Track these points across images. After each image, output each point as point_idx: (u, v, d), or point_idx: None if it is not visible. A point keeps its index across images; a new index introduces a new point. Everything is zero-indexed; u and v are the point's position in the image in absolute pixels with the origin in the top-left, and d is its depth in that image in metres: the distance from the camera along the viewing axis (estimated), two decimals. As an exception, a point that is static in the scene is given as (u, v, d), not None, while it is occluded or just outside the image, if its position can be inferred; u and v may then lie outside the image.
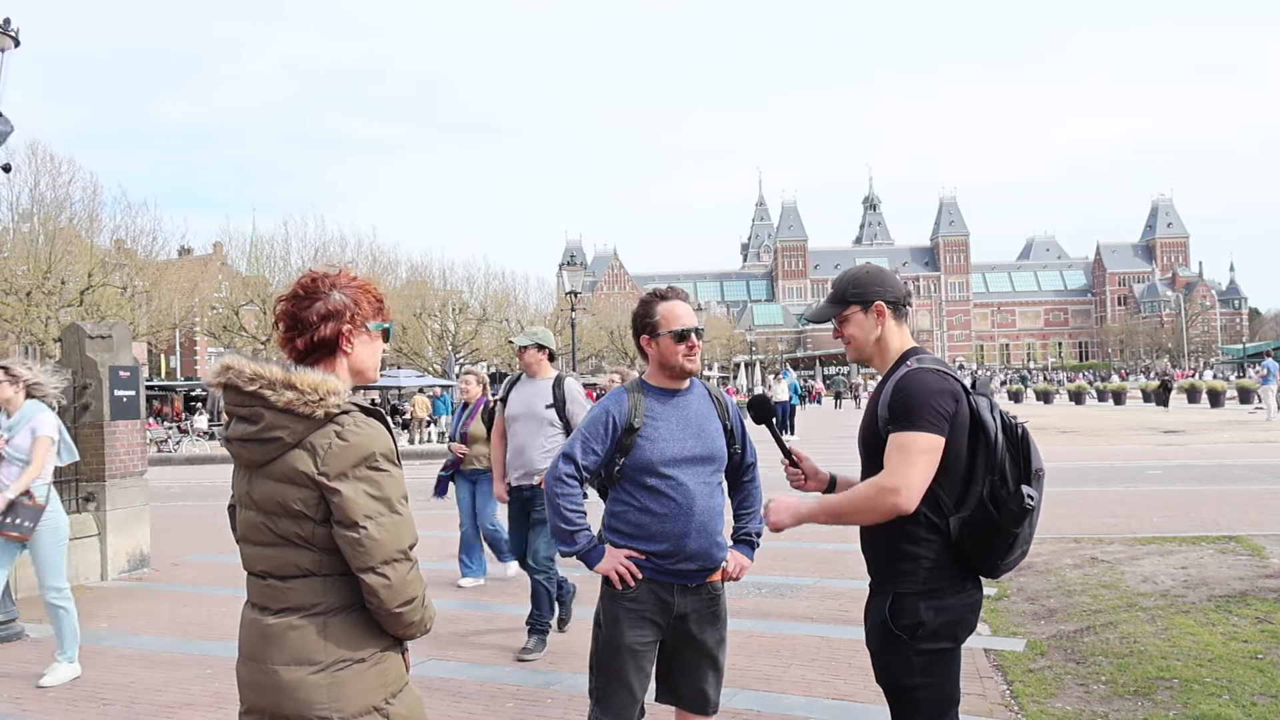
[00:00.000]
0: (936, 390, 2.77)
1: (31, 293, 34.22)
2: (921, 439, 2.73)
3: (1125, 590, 7.49)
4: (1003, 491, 2.71)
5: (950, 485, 2.77)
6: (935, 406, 2.74)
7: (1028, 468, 2.74)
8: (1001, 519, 2.70)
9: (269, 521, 2.30)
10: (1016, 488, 2.70)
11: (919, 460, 2.73)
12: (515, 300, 63.68)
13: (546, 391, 6.44)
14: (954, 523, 2.76)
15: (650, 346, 3.50)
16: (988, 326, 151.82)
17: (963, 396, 2.80)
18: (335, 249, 48.57)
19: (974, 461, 2.76)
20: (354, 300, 2.41)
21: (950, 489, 2.77)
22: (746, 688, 5.45)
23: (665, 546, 3.37)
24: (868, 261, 3.39)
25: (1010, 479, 2.72)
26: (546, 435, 6.39)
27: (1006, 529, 2.71)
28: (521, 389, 6.55)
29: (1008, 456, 2.74)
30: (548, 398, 6.41)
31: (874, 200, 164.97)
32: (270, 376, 2.28)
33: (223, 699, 5.46)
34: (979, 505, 2.73)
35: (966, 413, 2.78)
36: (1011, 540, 2.73)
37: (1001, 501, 2.71)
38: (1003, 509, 2.70)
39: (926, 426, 2.73)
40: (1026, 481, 2.73)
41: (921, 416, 2.74)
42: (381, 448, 2.28)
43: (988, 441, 2.75)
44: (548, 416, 6.41)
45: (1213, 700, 4.97)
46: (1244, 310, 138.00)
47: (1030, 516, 2.72)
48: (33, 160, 36.03)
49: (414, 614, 2.32)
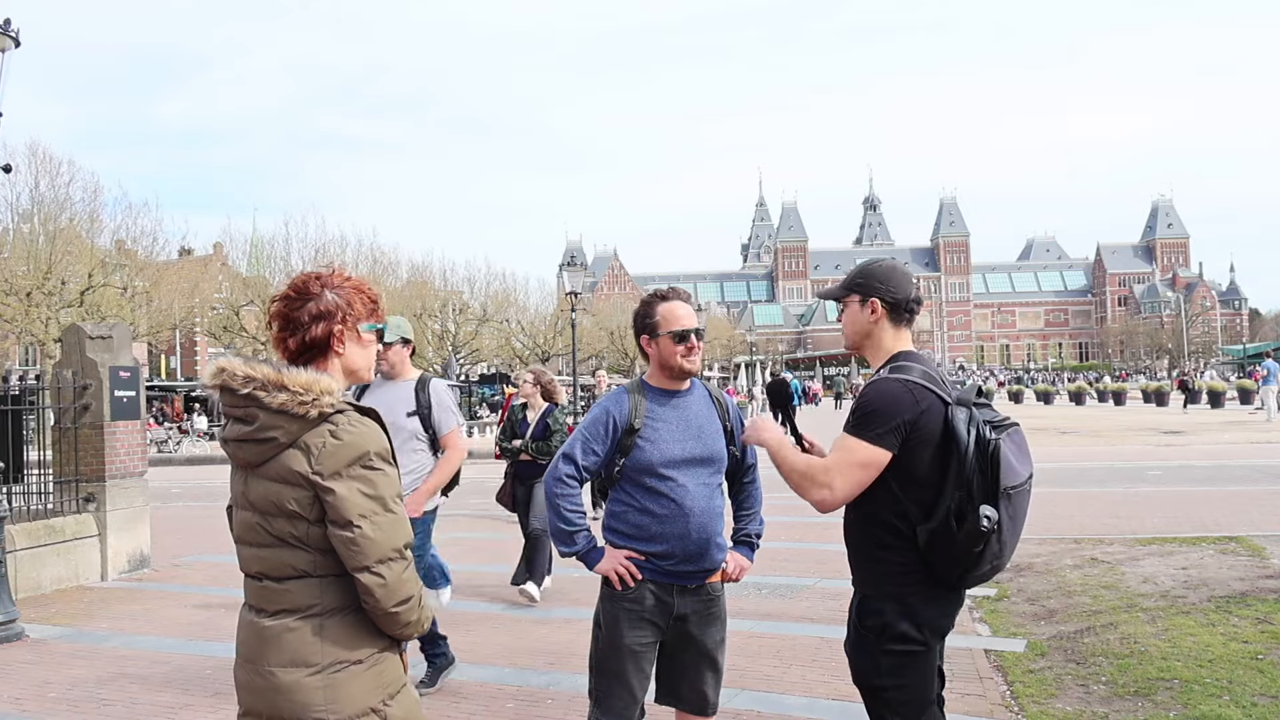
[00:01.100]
0: (895, 402, 2.75)
1: (32, 293, 34.27)
2: (863, 449, 2.74)
3: (1125, 591, 7.48)
4: (967, 508, 2.67)
5: (918, 496, 2.75)
6: (889, 419, 2.73)
7: (994, 486, 2.67)
8: (960, 536, 2.68)
9: (265, 522, 2.30)
10: (977, 507, 2.65)
11: (854, 471, 2.74)
12: (516, 301, 63.70)
13: (409, 396, 5.36)
14: (922, 532, 2.75)
15: (650, 347, 3.50)
16: (988, 327, 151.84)
17: (931, 410, 2.75)
18: (336, 249, 48.60)
19: (945, 474, 2.72)
20: (347, 301, 2.41)
21: (918, 500, 2.75)
22: (747, 688, 5.45)
23: (665, 547, 3.36)
24: (891, 258, 3.36)
25: (975, 496, 2.67)
26: (411, 449, 5.28)
27: (965, 546, 2.68)
28: (377, 393, 5.30)
29: (976, 472, 2.68)
30: (410, 403, 5.34)
31: (874, 201, 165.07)
32: (263, 378, 2.27)
33: (223, 700, 5.46)
34: (944, 520, 2.70)
35: (936, 426, 2.74)
36: (976, 557, 2.69)
37: (963, 518, 2.67)
38: (962, 526, 2.67)
39: (872, 438, 2.73)
40: (991, 501, 2.66)
41: (870, 427, 2.74)
42: (375, 446, 2.28)
43: (959, 455, 2.70)
44: (410, 427, 5.30)
45: (1213, 701, 4.97)
46: (1244, 311, 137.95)
47: (994, 536, 2.66)
48: (33, 161, 36.18)
49: (410, 613, 2.31)
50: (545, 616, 7.43)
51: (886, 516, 2.78)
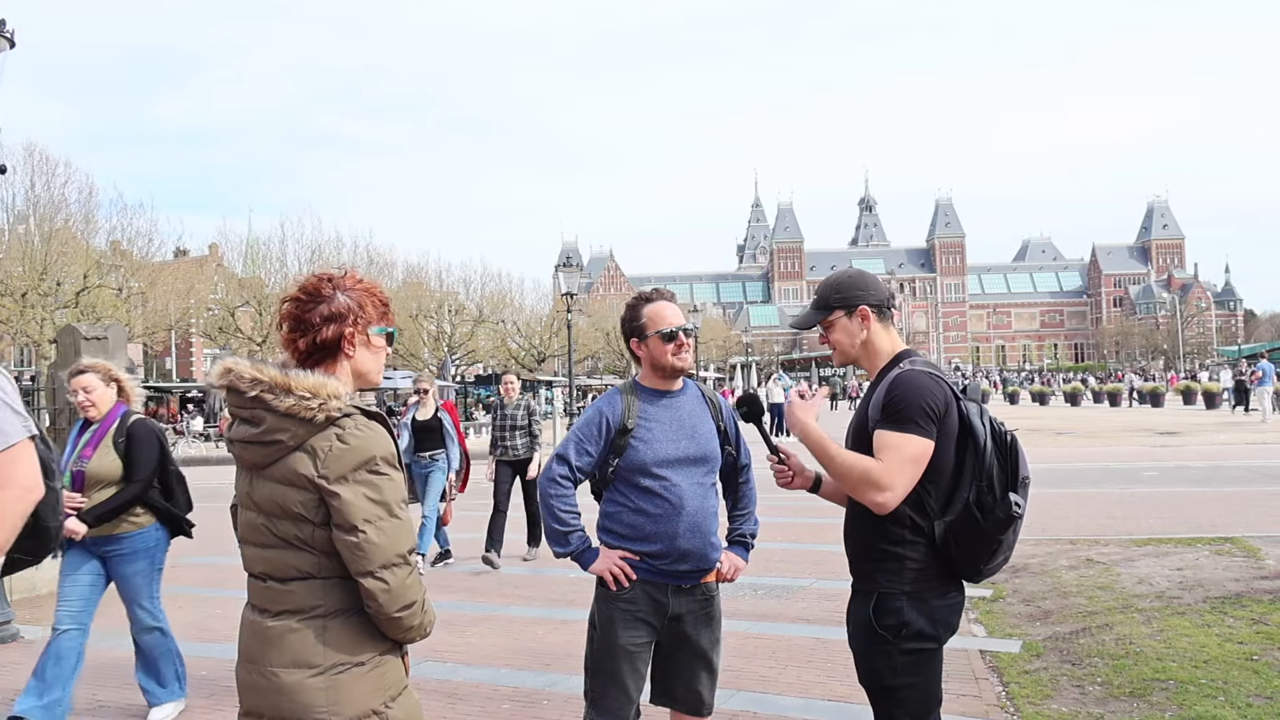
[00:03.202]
0: (929, 393, 2.77)
1: (27, 294, 34.18)
2: (913, 443, 2.74)
3: (1121, 591, 7.50)
4: (989, 498, 2.72)
5: (937, 489, 2.78)
6: (926, 409, 2.75)
7: (1015, 475, 2.75)
8: (987, 525, 2.71)
9: (269, 523, 2.31)
10: (1004, 495, 2.71)
11: (908, 467, 2.74)
12: (512, 302, 63.70)
13: None
14: (939, 526, 2.78)
15: (640, 349, 3.51)
16: (983, 328, 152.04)
17: (953, 401, 2.80)
18: (332, 250, 48.57)
19: (962, 467, 2.77)
20: (358, 304, 2.41)
21: (937, 493, 2.78)
22: (743, 689, 5.46)
23: (659, 547, 3.37)
24: (849, 265, 3.42)
25: (998, 486, 2.73)
26: None
27: (991, 535, 2.72)
28: None
29: (996, 463, 2.75)
30: None
31: (870, 202, 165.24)
32: (270, 380, 2.27)
33: (220, 700, 5.46)
34: (964, 510, 2.74)
35: (956, 418, 2.79)
36: (995, 546, 2.75)
37: (988, 508, 2.71)
38: (989, 515, 2.71)
39: (916, 430, 2.74)
40: (1014, 489, 2.74)
41: (913, 419, 2.75)
42: (382, 451, 2.28)
43: (976, 448, 2.76)
44: None
45: (1208, 701, 4.98)
46: (1239, 312, 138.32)
47: (1015, 524, 2.73)
48: (29, 161, 36.08)
49: (413, 618, 2.31)
50: (541, 617, 7.43)
51: (904, 511, 2.79)
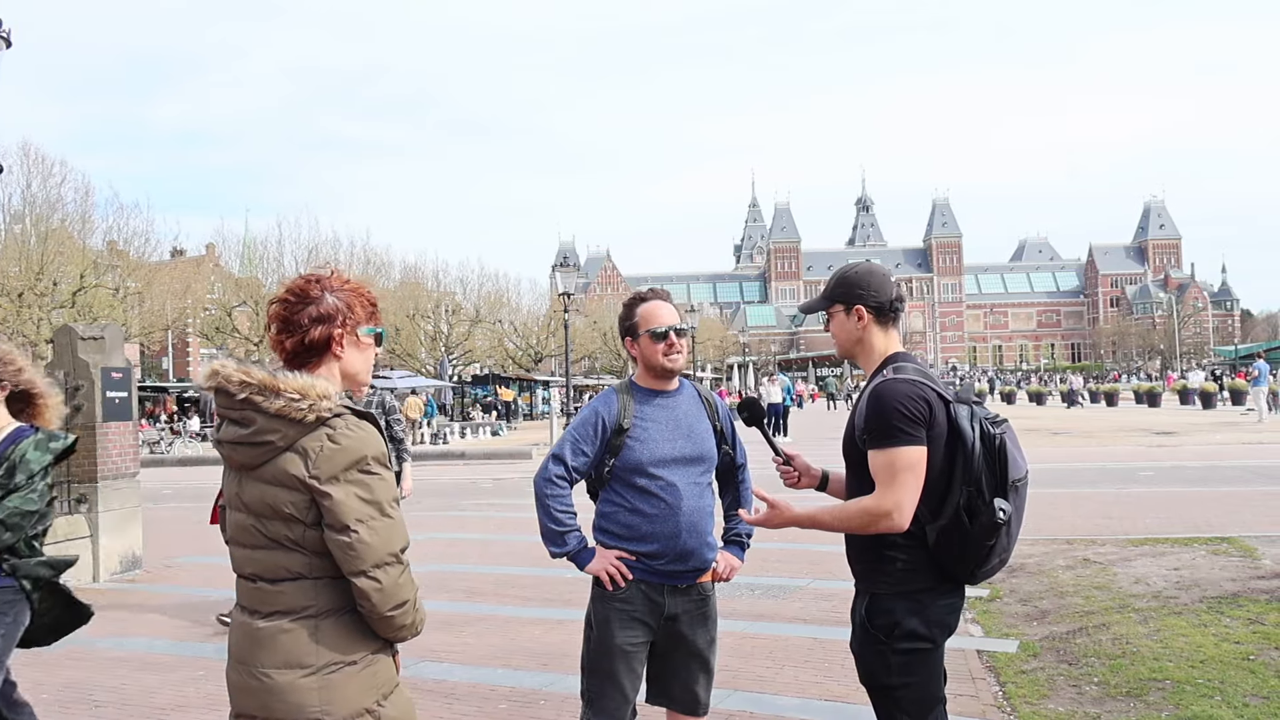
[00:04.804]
0: (906, 399, 2.74)
1: (23, 294, 34.15)
2: (902, 454, 2.72)
3: (1118, 591, 7.50)
4: (978, 503, 2.70)
5: (927, 494, 2.76)
6: (907, 415, 2.72)
7: (1003, 479, 2.72)
8: (974, 530, 2.71)
9: (259, 524, 2.29)
10: (990, 500, 2.69)
11: (906, 478, 2.72)
12: (509, 302, 63.75)
13: None
14: (931, 531, 2.77)
15: (634, 348, 3.52)
16: (980, 328, 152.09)
17: (939, 405, 2.77)
18: (329, 250, 48.62)
19: (952, 471, 2.75)
20: (347, 304, 2.40)
21: (927, 498, 2.76)
22: (740, 689, 5.46)
23: (655, 547, 3.37)
24: (868, 260, 3.35)
25: (986, 490, 2.71)
26: None
27: (979, 540, 2.71)
28: None
29: (984, 467, 2.72)
30: None
31: (867, 201, 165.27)
32: (258, 382, 2.26)
33: (215, 701, 5.45)
34: (955, 515, 2.73)
35: (944, 421, 2.76)
36: (987, 551, 2.73)
37: (976, 513, 2.70)
38: (976, 521, 2.70)
39: (904, 439, 2.72)
40: (1001, 493, 2.71)
41: (896, 429, 2.73)
42: (373, 451, 2.27)
43: (965, 451, 2.73)
44: None
45: (1205, 701, 4.98)
46: (1236, 312, 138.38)
47: (1004, 529, 2.71)
48: (25, 162, 36.10)
49: (405, 617, 2.31)
50: (537, 617, 7.43)
51: None
